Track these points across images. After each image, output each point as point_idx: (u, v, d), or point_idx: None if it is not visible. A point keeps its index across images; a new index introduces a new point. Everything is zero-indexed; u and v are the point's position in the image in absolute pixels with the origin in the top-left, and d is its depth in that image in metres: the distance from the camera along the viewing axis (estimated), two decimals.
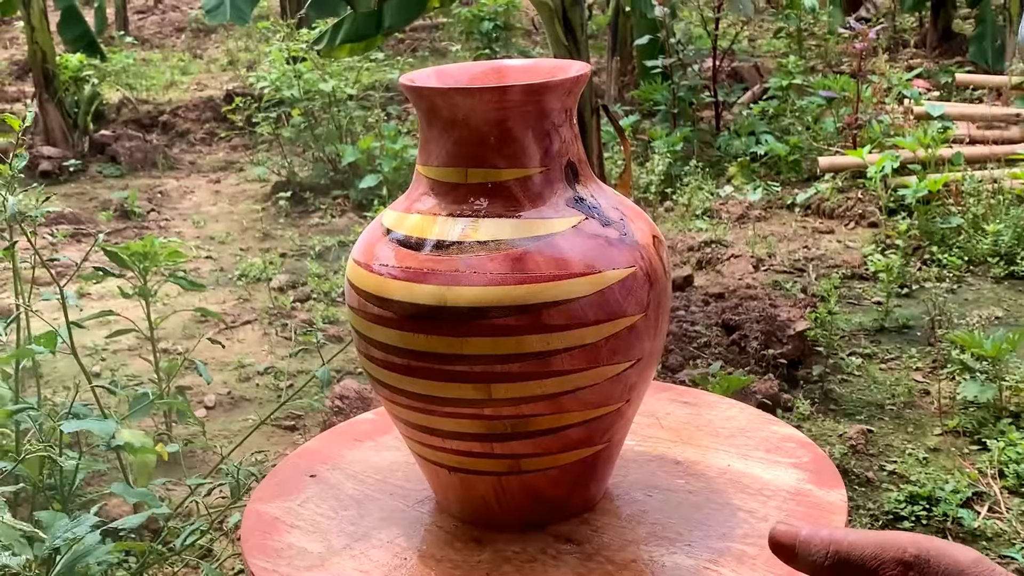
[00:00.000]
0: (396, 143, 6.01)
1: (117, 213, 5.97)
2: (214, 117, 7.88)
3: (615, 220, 1.06)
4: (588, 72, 1.10)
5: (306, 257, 5.16)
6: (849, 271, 4.51)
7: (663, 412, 1.33)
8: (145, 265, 2.65)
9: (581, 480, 1.10)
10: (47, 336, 1.91)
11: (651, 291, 1.05)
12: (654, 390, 1.36)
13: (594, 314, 1.00)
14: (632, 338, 1.03)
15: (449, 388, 1.02)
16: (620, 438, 1.13)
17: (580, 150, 1.11)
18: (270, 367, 3.99)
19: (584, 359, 1.01)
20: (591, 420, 1.05)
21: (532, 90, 1.04)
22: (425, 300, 1.00)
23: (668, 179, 5.64)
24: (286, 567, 1.09)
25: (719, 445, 1.24)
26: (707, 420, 1.31)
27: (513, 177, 1.05)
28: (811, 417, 3.32)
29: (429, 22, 10.71)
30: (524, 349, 0.99)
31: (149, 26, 12.30)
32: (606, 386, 1.04)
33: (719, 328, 3.79)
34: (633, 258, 1.04)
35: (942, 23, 8.30)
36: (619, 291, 1.02)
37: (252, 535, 1.15)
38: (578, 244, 1.02)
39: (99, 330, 3.91)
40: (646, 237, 1.07)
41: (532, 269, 1.00)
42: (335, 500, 1.21)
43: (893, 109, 5.88)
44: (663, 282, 1.07)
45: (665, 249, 1.10)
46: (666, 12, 6.20)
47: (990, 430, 3.19)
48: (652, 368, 1.11)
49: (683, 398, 1.37)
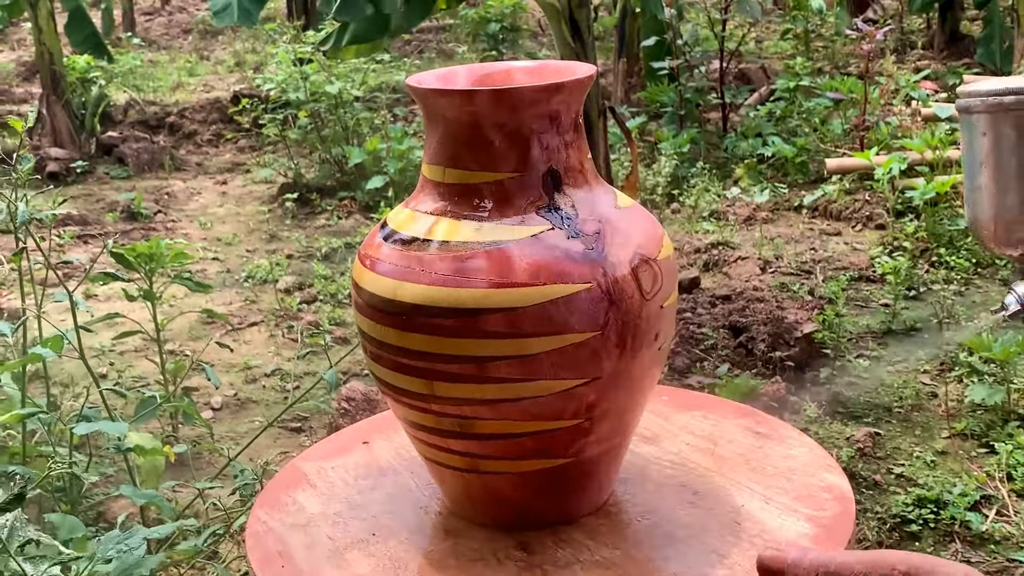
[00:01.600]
0: (402, 144, 6.01)
1: (124, 214, 5.97)
2: (221, 119, 7.89)
3: (587, 234, 1.03)
4: (570, 81, 1.06)
5: (312, 259, 5.16)
6: (856, 273, 4.50)
7: (726, 438, 1.27)
8: (151, 266, 2.65)
9: (546, 490, 1.09)
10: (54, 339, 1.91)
11: (612, 311, 1.01)
12: (736, 412, 1.33)
13: (533, 326, 0.99)
14: (582, 356, 1.01)
15: (400, 379, 1.06)
16: (597, 455, 1.09)
17: (574, 157, 1.07)
18: (277, 369, 3.99)
19: (523, 369, 1.00)
20: (544, 432, 1.04)
21: (500, 95, 1.03)
22: (382, 292, 1.05)
23: (675, 181, 5.64)
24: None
25: (752, 483, 1.18)
26: (763, 455, 1.24)
27: (484, 180, 1.05)
28: (818, 420, 3.32)
29: (436, 24, 10.71)
30: (462, 351, 1.00)
31: (156, 27, 12.32)
32: (554, 401, 1.02)
33: (726, 330, 3.79)
34: (592, 275, 1.00)
35: (950, 25, 8.28)
36: (564, 306, 0.99)
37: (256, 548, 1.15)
38: (530, 254, 1.00)
39: (105, 332, 3.92)
40: (623, 256, 1.03)
41: (475, 274, 1.00)
42: (365, 469, 1.28)
43: (901, 111, 5.87)
44: (633, 304, 1.02)
45: (653, 272, 1.05)
46: (673, 14, 6.19)
47: (998, 433, 3.18)
48: (625, 390, 1.06)
49: (758, 427, 1.30)
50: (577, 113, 1.09)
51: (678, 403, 1.38)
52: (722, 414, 1.34)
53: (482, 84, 1.13)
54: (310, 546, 1.13)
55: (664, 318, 1.08)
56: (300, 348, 4.15)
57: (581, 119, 1.11)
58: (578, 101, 1.08)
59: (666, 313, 1.08)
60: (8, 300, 4.57)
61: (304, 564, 1.10)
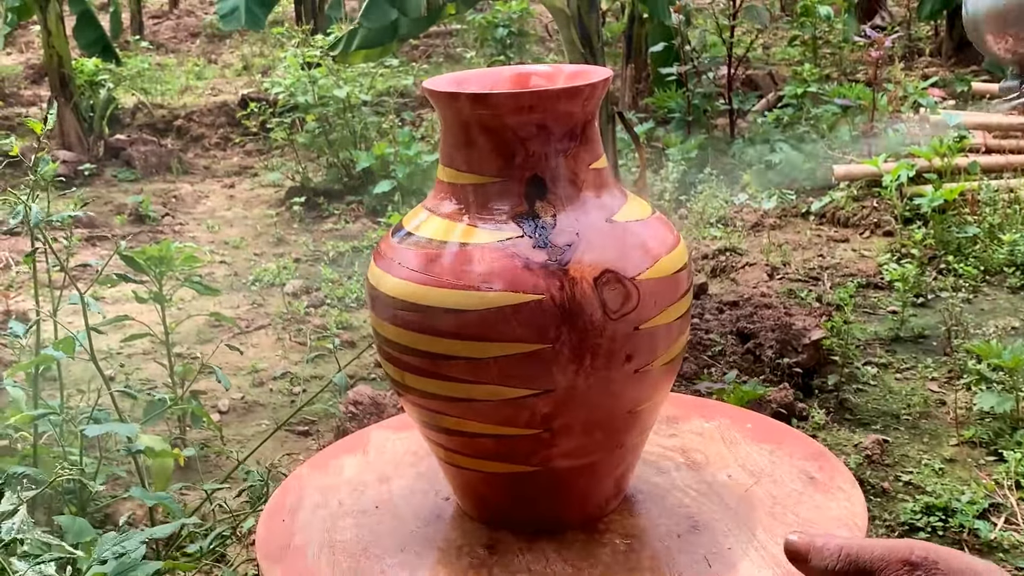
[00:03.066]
0: (410, 149, 6.01)
1: (132, 217, 5.98)
2: (228, 122, 7.90)
3: (556, 245, 1.01)
4: (548, 91, 1.05)
5: (320, 262, 5.16)
6: (864, 280, 4.49)
7: (775, 477, 1.20)
8: (160, 269, 2.65)
9: (518, 495, 1.10)
10: (65, 341, 1.91)
11: (565, 326, 0.99)
12: (806, 454, 1.24)
13: (481, 330, 1.00)
14: (531, 366, 1.00)
15: (385, 365, 1.10)
16: (569, 468, 1.08)
17: (566, 166, 1.06)
18: (284, 372, 3.99)
19: (472, 372, 1.01)
20: (503, 436, 1.05)
21: (480, 100, 1.04)
22: (372, 280, 1.10)
23: (682, 186, 5.64)
24: None
25: (760, 529, 1.12)
26: (796, 502, 1.17)
27: (470, 182, 1.07)
28: (826, 427, 3.31)
29: (444, 28, 10.72)
30: (419, 346, 1.03)
31: (164, 31, 12.34)
32: (505, 407, 1.02)
33: (734, 336, 3.78)
34: (547, 287, 0.99)
35: (958, 32, 8.27)
36: (512, 315, 0.99)
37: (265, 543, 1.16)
38: (489, 259, 1.01)
39: (114, 334, 3.92)
40: (590, 272, 1.01)
41: (436, 272, 1.02)
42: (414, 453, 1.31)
43: (908, 117, 5.86)
44: (592, 321, 1.00)
45: (625, 292, 1.02)
46: (681, 19, 6.19)
47: (1007, 441, 3.17)
48: (589, 408, 1.04)
49: (817, 472, 1.22)
50: (575, 123, 1.06)
51: (756, 433, 1.31)
52: (790, 452, 1.26)
53: (481, 87, 1.13)
54: (317, 507, 1.20)
55: (642, 340, 1.03)
56: (308, 352, 4.15)
57: (587, 129, 1.08)
58: (567, 112, 1.06)
59: (648, 335, 1.03)
60: (17, 302, 4.58)
61: (300, 521, 1.18)
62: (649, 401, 1.09)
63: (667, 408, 1.34)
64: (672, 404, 1.38)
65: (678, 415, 1.37)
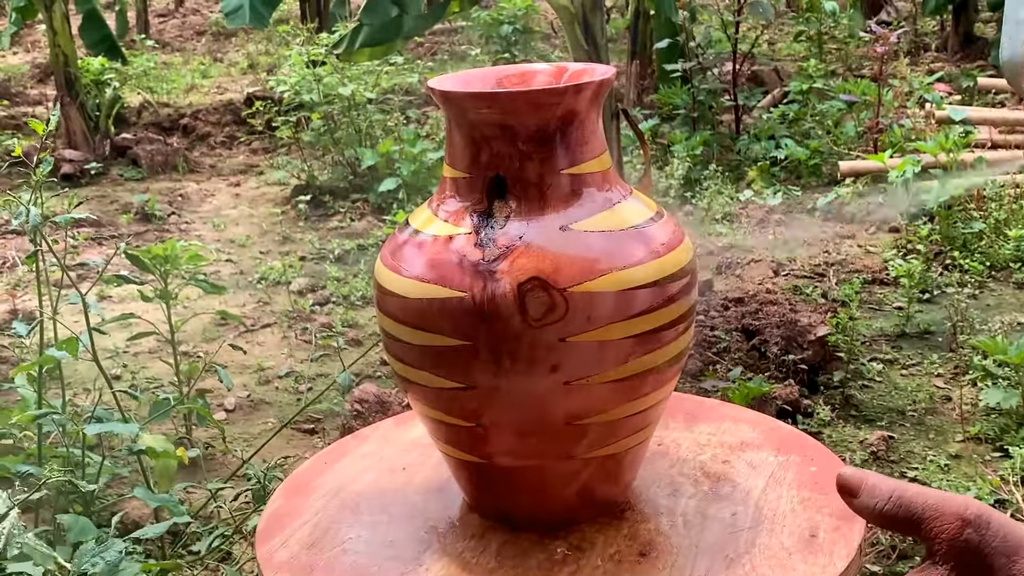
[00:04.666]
0: (415, 147, 6.02)
1: (138, 216, 5.99)
2: (234, 120, 7.91)
3: (496, 247, 1.02)
4: (502, 93, 1.05)
5: (325, 261, 5.17)
6: (870, 276, 4.49)
7: (779, 528, 1.11)
8: (166, 268, 2.66)
9: (479, 484, 1.13)
10: (69, 342, 1.91)
11: (484, 326, 1.00)
12: (838, 511, 1.09)
13: (415, 320, 1.04)
14: (455, 360, 1.02)
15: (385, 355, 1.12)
16: (511, 468, 1.09)
17: (531, 170, 1.05)
18: (290, 371, 4.00)
19: (409, 357, 1.06)
20: (450, 424, 1.08)
21: (447, 97, 1.06)
22: (376, 274, 1.14)
23: (688, 183, 5.63)
24: None
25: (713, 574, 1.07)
26: (776, 565, 1.08)
27: (450, 175, 1.09)
28: (831, 423, 3.31)
29: (448, 26, 10.72)
30: (380, 324, 1.09)
31: (170, 30, 12.36)
32: (438, 395, 1.06)
33: (739, 333, 3.78)
34: (471, 286, 1.00)
35: (964, 27, 8.26)
36: (438, 308, 1.01)
37: None
38: (432, 252, 1.04)
39: (120, 332, 3.93)
40: (517, 277, 1.00)
41: (399, 260, 1.07)
42: None
43: (914, 113, 5.85)
44: (510, 326, 0.99)
45: (551, 302, 1.00)
46: (686, 16, 6.19)
47: (1012, 437, 3.17)
48: (518, 409, 1.04)
49: (826, 529, 1.11)
50: (545, 126, 1.05)
51: (807, 479, 1.19)
52: (828, 508, 1.12)
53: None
54: (320, 498, 1.22)
55: (571, 353, 1.01)
56: (313, 350, 4.15)
57: (565, 133, 1.06)
58: (533, 115, 1.05)
59: (580, 349, 1.01)
60: (24, 301, 4.59)
61: (310, 495, 1.22)
62: (597, 416, 1.05)
63: (749, 431, 1.29)
64: (761, 431, 1.29)
65: (758, 442, 1.27)
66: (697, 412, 1.35)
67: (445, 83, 1.12)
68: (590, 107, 1.07)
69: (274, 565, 1.13)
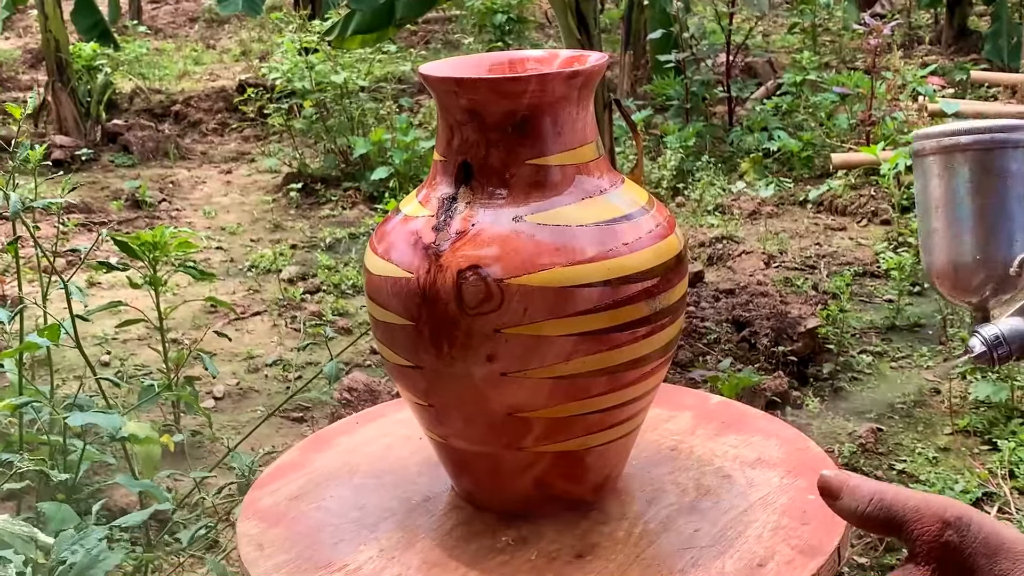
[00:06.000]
0: (407, 135, 6.00)
1: (128, 202, 5.97)
2: (226, 107, 7.88)
3: (449, 232, 1.03)
4: (466, 79, 1.05)
5: (316, 249, 5.15)
6: (861, 268, 4.49)
7: (739, 553, 1.08)
8: (155, 255, 2.64)
9: (447, 462, 1.15)
10: (51, 328, 1.90)
11: (424, 307, 1.01)
12: (804, 547, 1.07)
13: (374, 295, 1.08)
14: (403, 339, 1.05)
15: None
16: (463, 453, 1.10)
17: (495, 158, 1.05)
18: (279, 359, 3.99)
19: (376, 332, 1.10)
20: (412, 402, 1.11)
21: (426, 80, 1.09)
22: None
23: (680, 174, 5.63)
24: None
25: None
26: None
27: (435, 159, 1.11)
28: (821, 415, 3.31)
29: (442, 14, 10.69)
30: None
31: (162, 16, 12.31)
32: (401, 375, 1.09)
33: (729, 324, 3.78)
34: (418, 268, 1.02)
35: (957, 20, 8.25)
36: (390, 287, 1.05)
37: None
38: (394, 231, 1.08)
39: (109, 319, 3.91)
40: (458, 265, 1.00)
41: (372, 239, 1.11)
42: None
43: (907, 106, 5.85)
44: (447, 312, 1.00)
45: (487, 292, 1.00)
46: (680, 6, 6.17)
47: (1001, 430, 3.17)
48: (457, 395, 1.05)
49: (777, 563, 1.07)
50: (513, 115, 1.04)
51: (802, 512, 1.14)
52: (805, 538, 1.09)
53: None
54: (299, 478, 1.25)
55: (508, 345, 1.00)
56: (303, 338, 4.14)
57: (533, 123, 1.05)
58: (499, 103, 1.04)
59: (516, 341, 1.00)
60: (12, 287, 4.57)
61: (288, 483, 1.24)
62: (542, 411, 1.04)
63: (774, 449, 1.23)
64: (787, 451, 1.23)
65: (774, 462, 1.21)
66: (734, 422, 1.31)
67: (433, 67, 1.12)
68: (561, 98, 1.05)
69: (252, 510, 1.18)
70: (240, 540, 1.13)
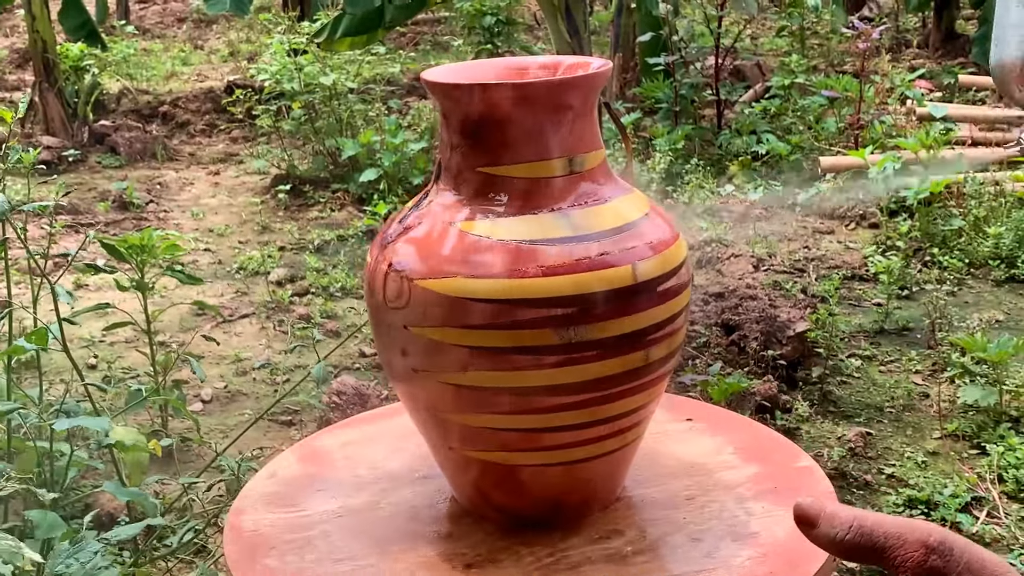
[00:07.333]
0: (396, 137, 5.98)
1: (116, 204, 5.95)
2: (214, 109, 7.85)
3: (403, 227, 1.08)
4: (435, 83, 1.07)
5: (305, 251, 5.14)
6: (849, 272, 4.49)
7: None
8: (143, 258, 2.63)
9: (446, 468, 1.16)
10: (38, 332, 1.89)
11: (369, 297, 1.09)
12: None
13: (367, 281, 1.11)
14: (374, 320, 1.11)
15: None
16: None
17: (455, 160, 1.07)
18: (267, 362, 3.97)
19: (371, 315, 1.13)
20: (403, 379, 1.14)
21: (427, 86, 1.10)
22: None
23: (669, 177, 5.63)
24: None
25: None
26: None
27: None
28: (810, 419, 3.31)
29: (431, 16, 10.68)
30: None
31: (150, 16, 12.27)
32: (380, 344, 1.13)
33: (718, 328, 3.78)
34: (374, 258, 1.09)
35: (945, 24, 8.28)
36: (364, 273, 1.11)
37: None
38: (385, 229, 1.12)
39: (96, 322, 3.90)
40: (389, 259, 1.06)
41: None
42: None
43: (895, 110, 5.86)
44: (375, 302, 1.07)
45: (400, 288, 1.03)
46: (669, 9, 6.17)
47: (989, 434, 3.18)
48: (406, 383, 1.08)
49: None
50: (469, 121, 1.05)
51: None
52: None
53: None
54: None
55: (414, 342, 1.03)
56: (291, 341, 4.13)
57: (484, 131, 1.05)
58: (455, 108, 1.06)
59: (419, 340, 1.02)
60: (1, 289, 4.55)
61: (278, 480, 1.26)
62: (456, 415, 1.05)
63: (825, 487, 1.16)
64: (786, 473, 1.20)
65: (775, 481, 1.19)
66: (723, 431, 1.30)
67: (438, 72, 1.14)
68: (516, 110, 1.04)
69: (240, 516, 1.18)
70: (227, 544, 1.13)
